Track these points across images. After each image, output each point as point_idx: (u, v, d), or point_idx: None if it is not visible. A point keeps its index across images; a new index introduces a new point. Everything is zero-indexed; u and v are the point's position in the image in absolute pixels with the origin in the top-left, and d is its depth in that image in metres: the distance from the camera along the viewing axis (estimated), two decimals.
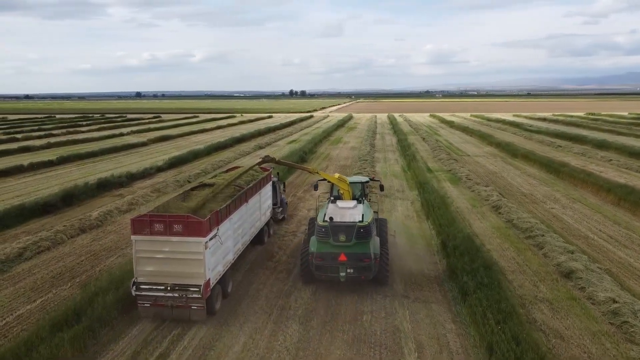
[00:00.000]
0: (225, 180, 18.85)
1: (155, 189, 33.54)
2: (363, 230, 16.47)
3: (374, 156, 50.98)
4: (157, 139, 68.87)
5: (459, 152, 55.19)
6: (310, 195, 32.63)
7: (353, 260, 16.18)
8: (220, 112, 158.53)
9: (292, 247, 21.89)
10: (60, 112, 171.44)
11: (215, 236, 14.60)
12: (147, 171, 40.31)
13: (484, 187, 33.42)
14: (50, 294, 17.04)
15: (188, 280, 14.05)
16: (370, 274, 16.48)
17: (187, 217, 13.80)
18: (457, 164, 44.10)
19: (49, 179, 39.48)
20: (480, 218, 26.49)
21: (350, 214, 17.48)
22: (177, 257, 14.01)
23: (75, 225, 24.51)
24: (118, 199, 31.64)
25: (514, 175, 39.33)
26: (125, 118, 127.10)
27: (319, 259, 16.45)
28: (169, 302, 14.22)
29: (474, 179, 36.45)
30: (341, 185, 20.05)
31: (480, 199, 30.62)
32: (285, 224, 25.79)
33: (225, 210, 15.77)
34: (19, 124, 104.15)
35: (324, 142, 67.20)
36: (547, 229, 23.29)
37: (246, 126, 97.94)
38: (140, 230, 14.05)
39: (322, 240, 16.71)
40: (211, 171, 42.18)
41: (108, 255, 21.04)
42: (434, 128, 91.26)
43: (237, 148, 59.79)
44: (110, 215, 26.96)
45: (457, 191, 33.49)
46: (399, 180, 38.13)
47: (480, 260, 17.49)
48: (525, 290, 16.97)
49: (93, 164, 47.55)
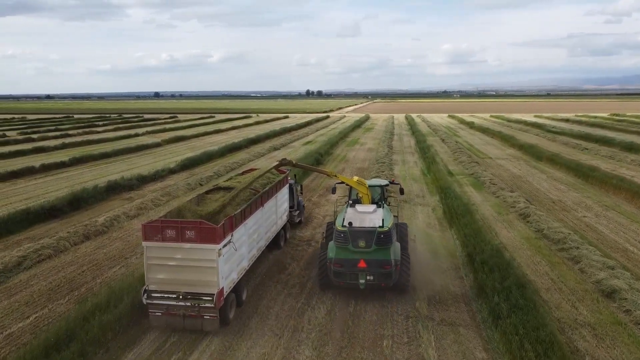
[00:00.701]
0: (241, 184, 17.96)
1: (166, 192, 32.41)
2: (383, 236, 15.84)
3: (392, 158, 49.34)
4: (171, 140, 68.08)
5: (480, 154, 53.27)
6: (326, 200, 31.20)
7: (373, 267, 15.58)
8: (236, 112, 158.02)
9: (307, 258, 20.48)
10: (78, 112, 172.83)
11: (229, 242, 14.04)
12: (159, 173, 39.27)
13: (509, 193, 31.63)
14: (46, 310, 15.85)
15: (200, 288, 13.51)
16: (390, 281, 15.82)
17: (200, 222, 13.24)
18: (479, 167, 42.28)
19: (59, 180, 38.66)
20: (507, 227, 24.78)
21: (370, 218, 16.78)
22: (190, 265, 13.51)
23: (80, 231, 23.42)
24: (127, 202, 30.56)
25: (539, 180, 37.41)
26: (142, 118, 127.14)
27: (338, 265, 15.87)
28: (180, 311, 13.65)
29: (498, 184, 34.65)
30: (360, 189, 19.25)
31: (506, 206, 28.86)
32: (300, 232, 24.40)
33: (240, 215, 15.18)
34: (37, 124, 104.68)
35: (341, 143, 65.72)
36: (581, 241, 21.52)
37: (262, 127, 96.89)
38: (152, 236, 13.54)
39: (340, 246, 16.11)
40: (224, 173, 41.03)
41: (111, 265, 19.85)
42: (453, 129, 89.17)
43: (251, 149, 58.61)
44: (117, 220, 25.85)
45: (481, 197, 31.75)
46: (418, 184, 36.48)
47: (512, 278, 15.88)
48: (564, 312, 15.31)
49: (106, 165, 46.74)
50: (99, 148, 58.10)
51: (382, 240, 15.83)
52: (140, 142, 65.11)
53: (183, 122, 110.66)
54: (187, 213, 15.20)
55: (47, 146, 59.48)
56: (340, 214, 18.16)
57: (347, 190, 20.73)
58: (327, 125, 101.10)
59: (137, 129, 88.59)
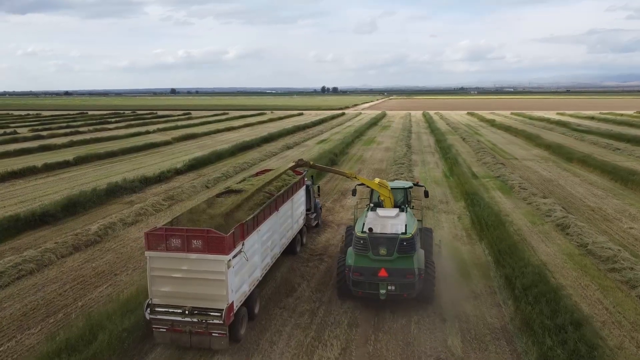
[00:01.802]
0: (254, 187, 16.73)
1: (169, 196, 30.15)
2: (406, 244, 14.70)
3: (411, 159, 46.59)
4: (181, 138, 66.08)
5: (505, 154, 50.24)
6: (341, 207, 28.69)
7: (395, 277, 14.52)
8: (250, 109, 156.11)
9: (318, 278, 17.99)
10: (94, 109, 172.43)
11: (239, 252, 12.92)
12: (164, 175, 37.08)
13: (542, 199, 28.79)
14: (13, 342, 13.59)
15: (208, 303, 12.42)
16: (414, 291, 14.73)
17: (208, 231, 12.14)
18: (506, 169, 39.36)
19: (60, 181, 36.69)
20: (544, 240, 22.02)
21: (392, 224, 15.82)
22: (196, 277, 12.42)
23: (69, 241, 21.23)
24: (127, 207, 28.39)
25: (573, 184, 34.44)
26: (156, 115, 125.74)
27: (357, 274, 14.83)
28: (187, 328, 12.51)
29: (529, 188, 31.78)
30: (382, 192, 18.26)
31: (541, 215, 26.05)
32: (311, 243, 21.92)
33: (252, 222, 14.06)
34: (49, 121, 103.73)
35: (356, 142, 63.07)
36: (634, 259, 18.72)
37: (275, 124, 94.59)
38: (156, 245, 12.46)
39: (360, 253, 15.00)
40: (233, 175, 38.74)
41: (98, 283, 17.59)
42: (473, 127, 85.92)
43: (263, 148, 56.28)
44: (112, 228, 23.63)
45: (511, 203, 28.95)
46: (441, 188, 33.76)
47: (564, 313, 13.21)
48: (630, 356, 12.61)
49: (111, 165, 44.77)
50: (107, 146, 56.23)
51: (404, 247, 14.63)
52: (150, 140, 63.12)
53: (196, 119, 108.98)
54: (199, 215, 14.24)
55: (54, 144, 57.83)
56: (360, 218, 17.12)
57: (368, 192, 19.40)
58: (342, 123, 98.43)
59: (149, 126, 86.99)
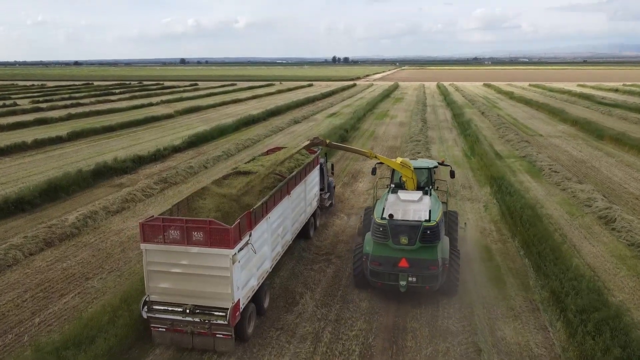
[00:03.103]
0: (265, 168, 15.48)
1: (162, 178, 27.34)
2: (430, 232, 13.44)
3: (428, 135, 43.22)
4: (185, 111, 63.03)
5: (528, 130, 46.68)
6: (352, 192, 25.75)
7: (416, 268, 13.37)
8: (259, 80, 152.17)
9: (325, 286, 15.17)
10: (101, 79, 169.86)
11: (246, 244, 11.61)
12: (160, 153, 34.22)
13: (578, 185, 25.62)
14: None
15: (212, 301, 11.25)
16: (436, 283, 13.52)
17: (210, 222, 10.88)
18: (532, 148, 35.99)
19: (50, 159, 34.05)
20: (588, 237, 18.98)
21: (415, 209, 14.39)
22: (198, 273, 11.21)
23: (41, 235, 18.56)
24: (115, 191, 25.69)
25: (608, 166, 31.10)
26: (162, 86, 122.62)
27: (375, 264, 13.71)
28: (188, 328, 11.37)
29: (561, 171, 28.53)
30: (404, 172, 16.64)
31: (579, 204, 22.94)
32: (317, 239, 19.07)
33: (261, 209, 12.65)
34: (52, 92, 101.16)
35: (368, 116, 59.62)
36: None
37: (284, 96, 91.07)
38: (152, 237, 11.19)
39: (379, 241, 13.78)
40: (235, 153, 35.83)
41: (65, 290, 14.94)
42: (491, 100, 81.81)
43: (270, 122, 53.16)
44: (92, 218, 20.91)
45: (543, 189, 25.80)
46: (462, 169, 30.58)
47: (638, 348, 10.30)
48: None
49: (107, 141, 42.02)
50: (106, 120, 53.44)
51: (428, 236, 13.40)
52: (152, 112, 60.22)
53: (202, 90, 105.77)
54: (208, 195, 13.24)
55: (51, 117, 55.09)
56: (380, 201, 15.75)
57: (389, 170, 17.88)
58: (353, 95, 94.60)
59: (153, 98, 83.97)
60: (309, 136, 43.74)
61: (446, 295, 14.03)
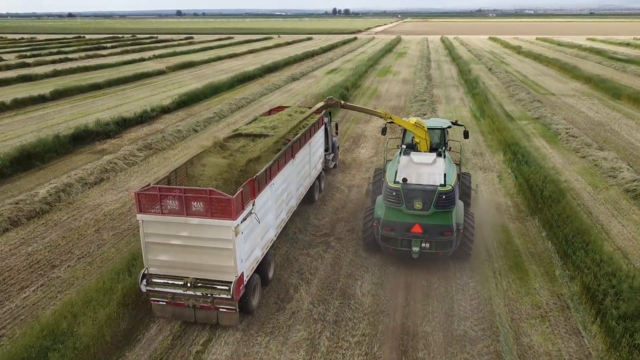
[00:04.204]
0: (277, 131, 14.83)
1: (147, 144, 25.17)
2: (445, 197, 12.90)
3: (433, 94, 40.71)
4: (177, 67, 60.14)
5: (539, 89, 44.07)
6: (353, 160, 23.70)
7: (430, 234, 12.93)
8: (257, 33, 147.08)
9: (323, 276, 13.30)
10: (93, 32, 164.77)
11: (250, 214, 10.87)
12: (147, 114, 31.90)
13: (598, 152, 23.54)
14: None
15: (214, 274, 10.68)
16: (450, 250, 13.15)
17: (210, 192, 10.15)
18: (545, 109, 33.64)
19: (28, 122, 31.78)
20: (615, 214, 17.06)
21: (429, 173, 13.77)
22: (199, 245, 10.53)
23: (6, 213, 16.62)
24: (96, 158, 23.63)
25: (629, 129, 28.87)
26: (156, 39, 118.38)
27: (387, 229, 13.23)
28: (190, 302, 10.82)
29: (579, 136, 26.37)
30: (417, 133, 15.65)
31: (602, 174, 20.93)
32: (315, 217, 17.12)
33: (264, 175, 11.85)
34: (41, 46, 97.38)
35: (370, 72, 56.72)
36: None
37: (282, 50, 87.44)
38: (149, 207, 10.48)
39: (392, 206, 13.20)
40: (227, 114, 33.52)
41: (26, 283, 13.09)
42: (498, 55, 78.39)
43: (266, 79, 50.44)
44: (66, 192, 18.92)
45: (561, 157, 23.71)
46: (472, 133, 28.10)
47: None
48: None
49: (92, 100, 39.57)
50: (93, 77, 50.76)
51: (443, 201, 12.83)
52: (143, 68, 57.38)
53: (197, 44, 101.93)
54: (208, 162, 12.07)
55: (35, 74, 52.34)
56: (392, 163, 15.02)
57: (401, 131, 16.89)
58: (354, 49, 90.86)
59: (146, 52, 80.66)
60: (307, 95, 41.38)
61: (457, 260, 13.62)
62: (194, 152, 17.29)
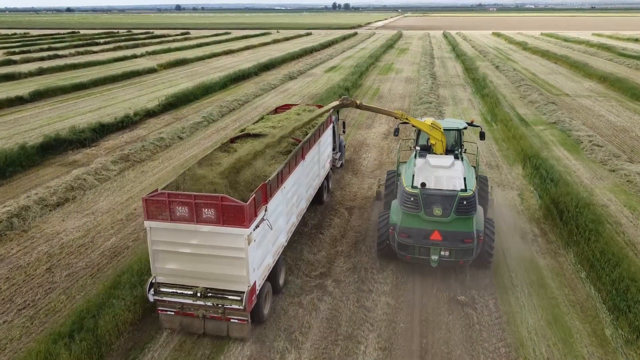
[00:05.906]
0: (285, 129, 14.06)
1: (123, 155, 22.50)
2: (466, 203, 12.16)
3: (439, 94, 38.09)
4: (170, 64, 57.41)
5: (551, 88, 41.40)
6: (354, 173, 21.09)
7: (450, 241, 12.16)
8: (255, 28, 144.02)
9: (316, 337, 10.75)
10: (89, 27, 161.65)
11: (262, 220, 10.23)
12: (129, 119, 29.22)
13: (630, 165, 20.96)
14: None
15: (225, 284, 10.09)
16: (470, 257, 12.39)
17: (222, 198, 9.47)
18: (561, 112, 31.01)
19: (0, 127, 29.16)
20: None
21: (448, 177, 12.99)
22: (209, 254, 9.92)
23: None
24: (65, 172, 21.05)
25: None
26: (151, 35, 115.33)
27: (404, 235, 12.47)
28: (199, 312, 10.31)
29: (604, 145, 23.77)
30: (433, 134, 14.97)
31: (638, 192, 18.34)
32: (309, 251, 14.53)
33: (276, 179, 11.28)
34: (33, 42, 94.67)
35: (371, 70, 54.02)
36: None
37: (280, 46, 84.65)
38: (157, 214, 9.81)
39: (409, 212, 12.47)
40: (217, 118, 30.89)
41: None
42: (503, 51, 75.57)
43: (262, 78, 47.77)
44: (21, 217, 16.33)
45: (587, 170, 21.11)
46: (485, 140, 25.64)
47: None
48: None
49: (75, 101, 36.94)
50: (79, 76, 48.10)
51: (464, 207, 12.19)
52: (134, 66, 54.64)
53: (193, 39, 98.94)
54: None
55: (19, 72, 49.63)
56: (407, 166, 14.44)
57: (415, 132, 16.30)
58: (354, 45, 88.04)
59: (140, 49, 77.87)
60: (304, 95, 38.75)
61: (478, 268, 13.00)
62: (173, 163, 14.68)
